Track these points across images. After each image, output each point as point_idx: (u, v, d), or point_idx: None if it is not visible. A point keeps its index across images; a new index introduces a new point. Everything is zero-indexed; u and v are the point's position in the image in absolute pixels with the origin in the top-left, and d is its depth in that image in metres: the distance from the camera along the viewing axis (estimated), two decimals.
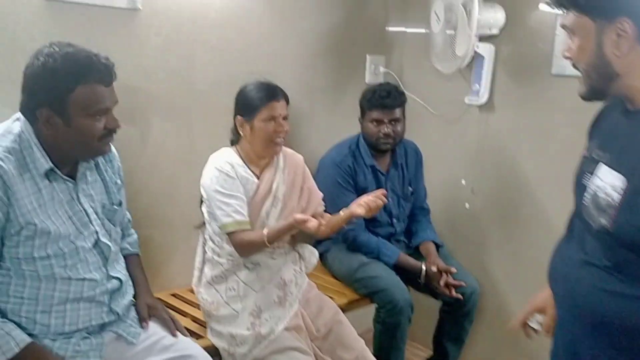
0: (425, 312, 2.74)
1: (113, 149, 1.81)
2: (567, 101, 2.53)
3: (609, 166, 1.29)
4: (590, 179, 1.34)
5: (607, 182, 1.27)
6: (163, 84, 2.28)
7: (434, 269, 2.49)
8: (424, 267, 2.50)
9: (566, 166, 2.49)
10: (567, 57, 1.32)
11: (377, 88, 2.60)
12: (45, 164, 1.54)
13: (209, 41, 2.38)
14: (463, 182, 2.91)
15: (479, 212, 2.90)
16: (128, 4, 2.09)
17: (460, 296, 2.47)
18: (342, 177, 2.54)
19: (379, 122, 2.55)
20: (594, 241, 1.33)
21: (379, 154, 2.64)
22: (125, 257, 1.86)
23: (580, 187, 1.39)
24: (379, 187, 2.59)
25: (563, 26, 1.32)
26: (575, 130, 2.49)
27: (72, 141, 1.56)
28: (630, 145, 1.27)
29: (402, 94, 2.63)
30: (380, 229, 2.64)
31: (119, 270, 1.74)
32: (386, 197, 2.00)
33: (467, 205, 2.90)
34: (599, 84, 1.30)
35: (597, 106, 2.39)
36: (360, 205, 1.95)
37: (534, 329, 1.63)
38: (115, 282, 1.69)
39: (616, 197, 1.24)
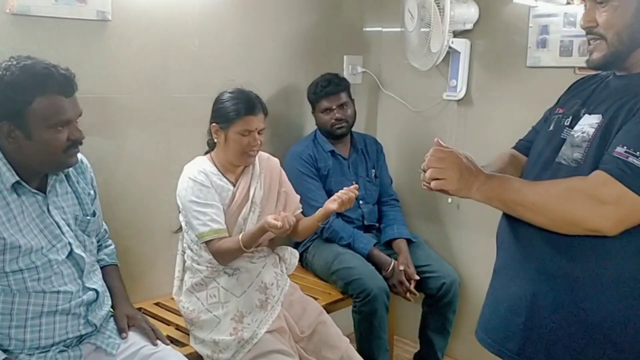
0: (411, 307, 2.75)
1: (85, 160, 1.81)
2: (542, 92, 2.52)
3: (590, 113, 1.39)
4: (570, 131, 1.41)
5: (585, 123, 1.37)
6: (137, 93, 2.28)
7: (402, 268, 2.53)
8: (392, 265, 2.54)
9: None
10: (589, 27, 1.38)
11: (318, 81, 2.71)
12: (11, 177, 1.54)
13: (183, 49, 2.38)
14: None
15: (460, 206, 2.90)
16: (97, 16, 2.09)
17: (410, 299, 2.55)
18: (303, 166, 2.62)
19: (329, 110, 2.67)
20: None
21: (338, 141, 2.74)
22: (103, 267, 1.86)
23: (556, 141, 1.44)
24: (342, 171, 2.72)
25: None
26: None
27: (36, 154, 1.55)
28: (614, 94, 1.37)
29: (343, 79, 2.75)
30: (349, 212, 2.63)
31: (95, 281, 1.73)
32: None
33: (449, 200, 2.91)
34: (625, 49, 1.35)
35: None
36: (333, 201, 2.00)
37: None
38: (91, 294, 1.69)
39: (591, 132, 1.34)
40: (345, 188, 2.02)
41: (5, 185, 1.54)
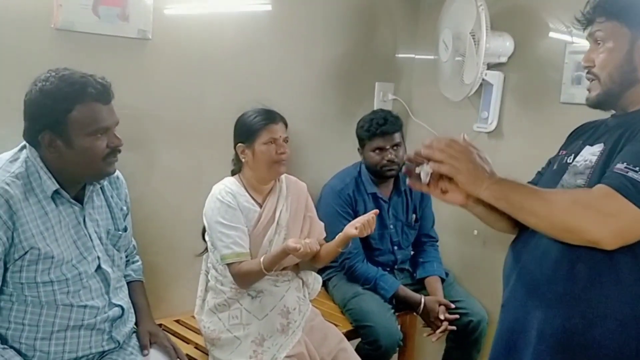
0: (435, 342, 2.70)
1: (121, 176, 1.84)
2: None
3: (591, 145, 1.45)
4: (572, 164, 1.48)
5: (587, 153, 1.44)
6: (172, 112, 2.31)
7: (435, 305, 2.46)
8: (423, 301, 2.48)
9: None
10: (587, 66, 1.45)
11: (372, 117, 2.59)
12: (52, 185, 1.57)
13: (219, 70, 2.42)
14: None
15: (487, 239, 2.87)
16: (138, 34, 2.13)
17: (454, 327, 2.45)
18: (340, 206, 2.53)
19: (382, 149, 2.55)
20: None
21: (382, 181, 2.64)
22: (128, 283, 1.87)
23: (559, 176, 1.49)
24: (380, 215, 2.57)
25: (592, 35, 1.45)
26: None
27: (76, 162, 1.58)
28: (613, 129, 1.42)
29: (398, 117, 2.62)
30: (381, 257, 2.63)
31: (122, 297, 1.75)
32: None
33: (475, 232, 2.88)
34: (619, 87, 1.41)
35: None
36: (353, 226, 1.98)
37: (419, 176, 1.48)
38: (117, 310, 1.70)
39: (594, 159, 1.40)
40: (365, 215, 2.00)
41: (45, 194, 1.56)
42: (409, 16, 3.12)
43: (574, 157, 1.47)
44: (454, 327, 2.45)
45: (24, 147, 1.62)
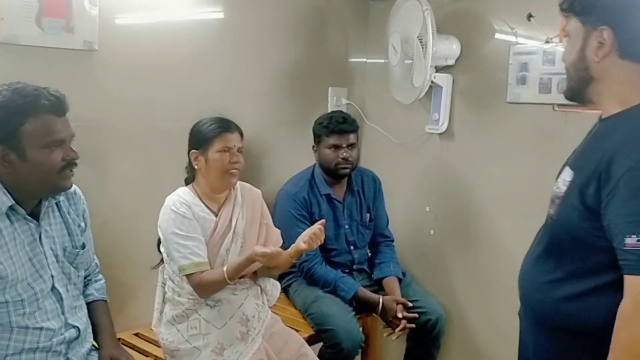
0: (396, 341, 2.74)
1: (79, 191, 1.80)
2: (521, 127, 2.60)
3: (569, 166, 1.41)
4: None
5: (561, 179, 1.40)
6: (124, 122, 2.29)
7: (393, 304, 2.50)
8: (381, 301, 2.52)
9: (524, 189, 2.58)
10: (563, 60, 1.45)
11: (332, 115, 2.64)
12: (7, 201, 1.53)
13: (170, 79, 2.40)
14: (427, 209, 2.95)
15: (443, 238, 2.93)
16: (84, 46, 2.10)
17: (413, 325, 2.49)
18: (296, 210, 2.55)
19: (337, 147, 2.58)
20: (544, 235, 1.44)
21: (335, 182, 2.67)
22: (91, 302, 1.83)
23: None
24: (335, 216, 2.63)
25: (565, 31, 1.43)
26: (529, 154, 2.58)
27: (31, 177, 1.55)
28: (588, 145, 1.40)
29: (355, 120, 2.68)
30: (338, 258, 2.66)
31: (79, 317, 1.70)
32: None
33: (431, 231, 2.94)
34: (577, 84, 1.40)
35: (551, 132, 2.48)
36: (302, 240, 1.97)
37: None
38: (73, 331, 1.66)
39: (564, 189, 1.37)
40: (312, 226, 1.99)
41: (0, 210, 1.53)
42: (360, 21, 3.16)
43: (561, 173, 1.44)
44: (413, 325, 2.49)
45: None
